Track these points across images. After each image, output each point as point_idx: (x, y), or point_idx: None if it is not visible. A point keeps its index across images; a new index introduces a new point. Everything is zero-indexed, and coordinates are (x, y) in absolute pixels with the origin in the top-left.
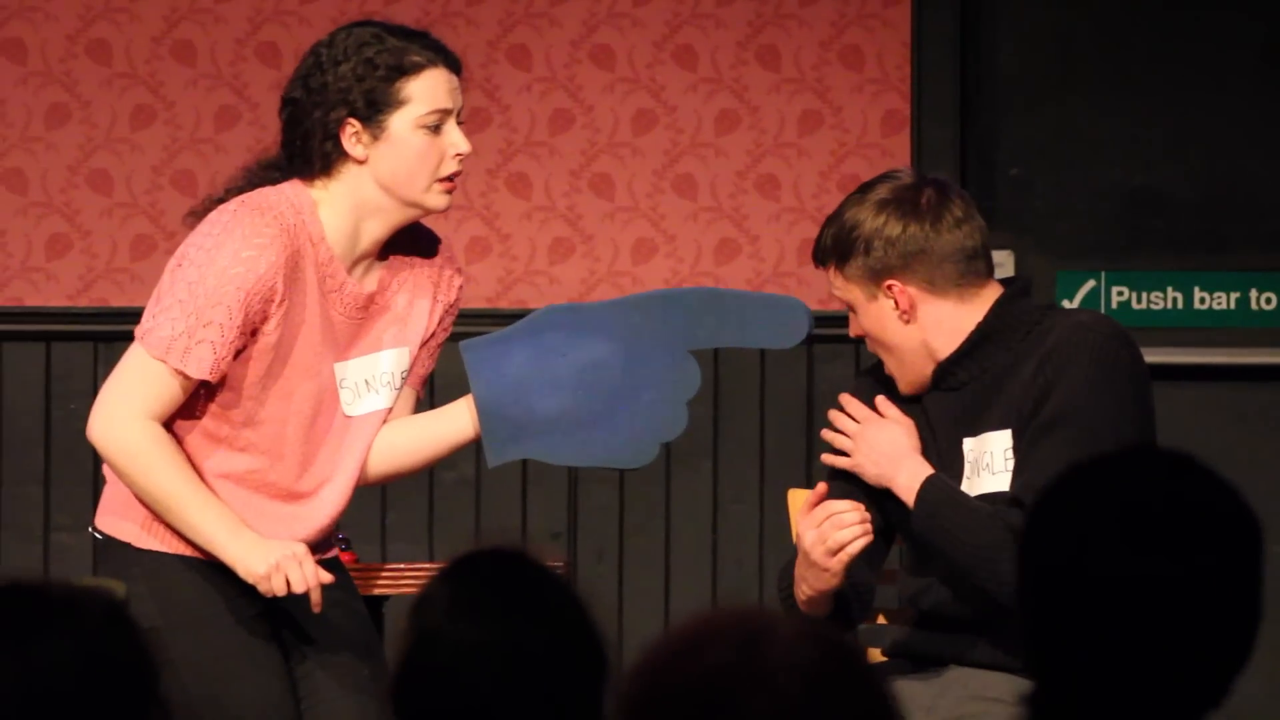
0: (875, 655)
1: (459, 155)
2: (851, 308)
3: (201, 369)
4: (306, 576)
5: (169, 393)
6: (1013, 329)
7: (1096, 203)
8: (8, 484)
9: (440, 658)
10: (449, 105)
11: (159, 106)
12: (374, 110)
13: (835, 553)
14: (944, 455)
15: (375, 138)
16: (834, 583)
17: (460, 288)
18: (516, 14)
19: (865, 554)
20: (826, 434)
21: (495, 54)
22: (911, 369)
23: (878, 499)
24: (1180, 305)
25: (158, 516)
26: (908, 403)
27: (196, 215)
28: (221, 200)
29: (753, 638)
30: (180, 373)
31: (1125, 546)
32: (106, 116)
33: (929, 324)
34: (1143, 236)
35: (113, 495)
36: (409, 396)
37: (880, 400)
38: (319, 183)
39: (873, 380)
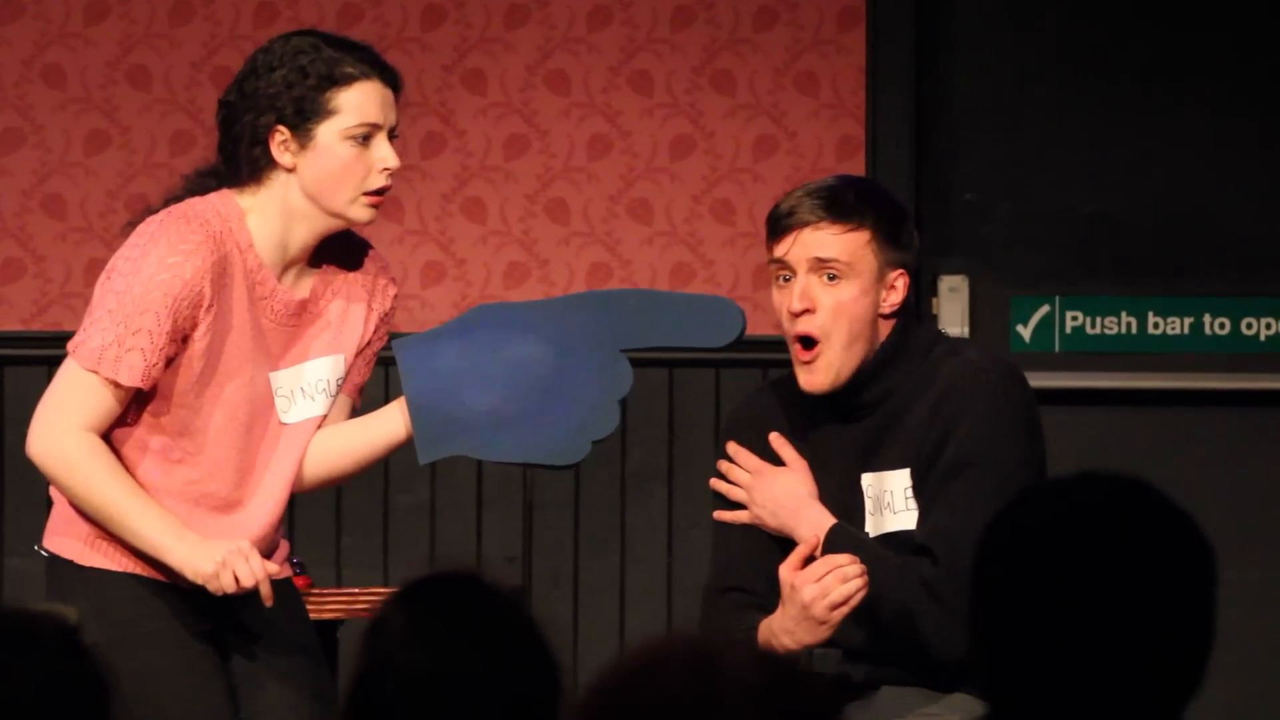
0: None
1: (386, 170)
2: (842, 272)
3: (133, 377)
4: (254, 570)
5: (104, 404)
6: (913, 352)
7: (1051, 228)
8: None
9: (393, 684)
10: (378, 120)
11: (114, 131)
12: (302, 118)
13: (837, 607)
14: (841, 491)
15: (303, 146)
16: (826, 636)
17: (395, 296)
18: (471, 39)
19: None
20: (717, 484)
21: (451, 79)
22: (846, 362)
23: (781, 544)
24: (1134, 330)
25: (102, 532)
26: (794, 438)
27: (132, 226)
28: (155, 211)
29: (703, 662)
30: (113, 382)
31: (1077, 572)
32: (60, 141)
33: (887, 329)
34: (1097, 262)
35: (58, 514)
36: (344, 404)
37: (775, 440)
38: (249, 190)
39: (757, 415)
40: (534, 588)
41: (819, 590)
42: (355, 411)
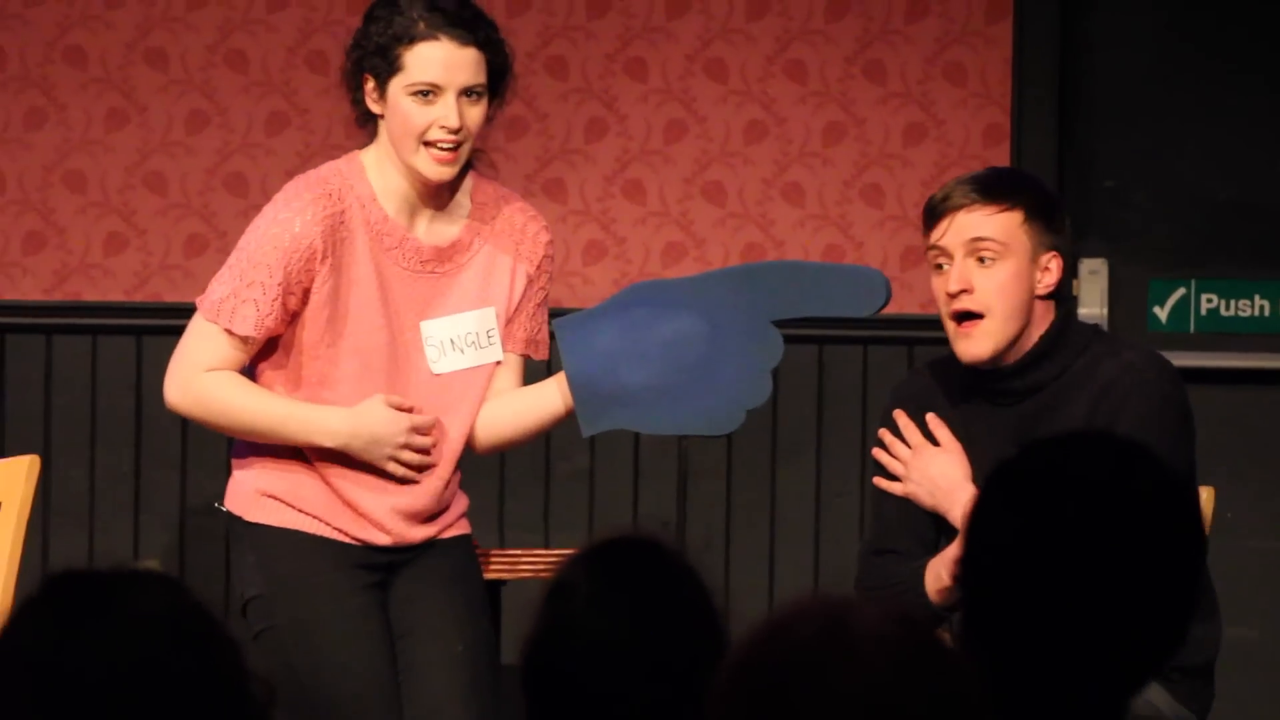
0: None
1: (444, 128)
2: (998, 252)
3: (246, 326)
4: (426, 429)
5: (226, 352)
6: (1069, 347)
7: (1187, 213)
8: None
9: (577, 648)
10: (437, 80)
11: (212, 111)
12: (380, 73)
13: None
14: None
15: (383, 96)
16: None
17: (549, 243)
18: (634, 28)
19: None
20: (878, 454)
21: (613, 66)
22: (1007, 335)
23: (937, 519)
24: (1267, 312)
25: (269, 490)
26: (948, 417)
27: None
28: None
29: (838, 615)
30: (229, 332)
31: (1067, 525)
32: (163, 120)
33: (1042, 312)
34: (1231, 246)
35: (233, 473)
36: (514, 363)
37: (932, 421)
38: (371, 147)
39: (917, 392)
40: (688, 551)
41: None
42: (543, 367)
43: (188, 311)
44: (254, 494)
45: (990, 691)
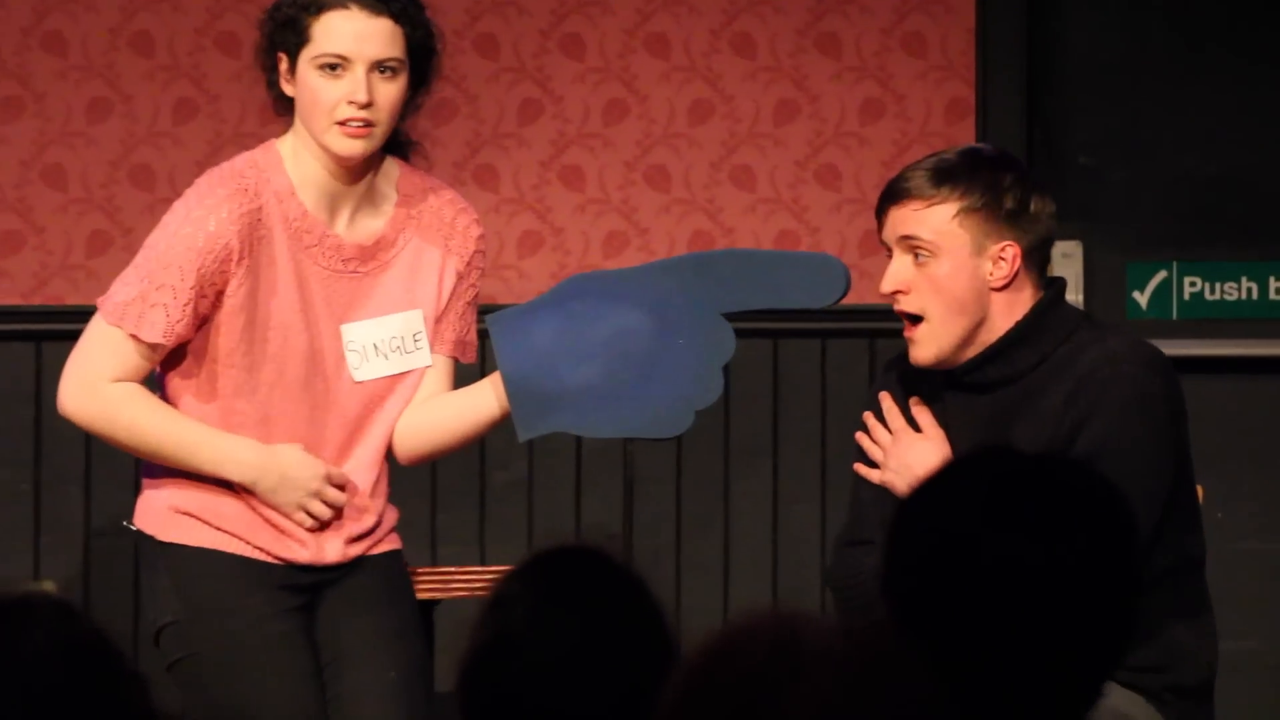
0: None
1: (353, 103)
2: (929, 251)
3: (154, 333)
4: (341, 484)
5: (131, 360)
6: (1047, 334)
7: (1169, 191)
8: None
9: (518, 665)
10: (345, 51)
11: (115, 98)
12: (290, 47)
13: None
14: None
15: (294, 74)
16: None
17: (480, 238)
18: (569, 2)
19: None
20: (861, 438)
21: (547, 43)
22: (950, 336)
23: None
24: (1255, 296)
25: (183, 508)
26: (930, 401)
27: None
28: None
29: (789, 634)
30: (136, 338)
31: (987, 529)
32: (61, 109)
33: (1004, 303)
34: (1215, 226)
35: (143, 489)
36: (444, 367)
37: (915, 407)
38: (288, 135)
39: (899, 377)
40: (634, 563)
41: None
42: (457, 375)
43: (91, 315)
44: (167, 511)
45: (948, 704)
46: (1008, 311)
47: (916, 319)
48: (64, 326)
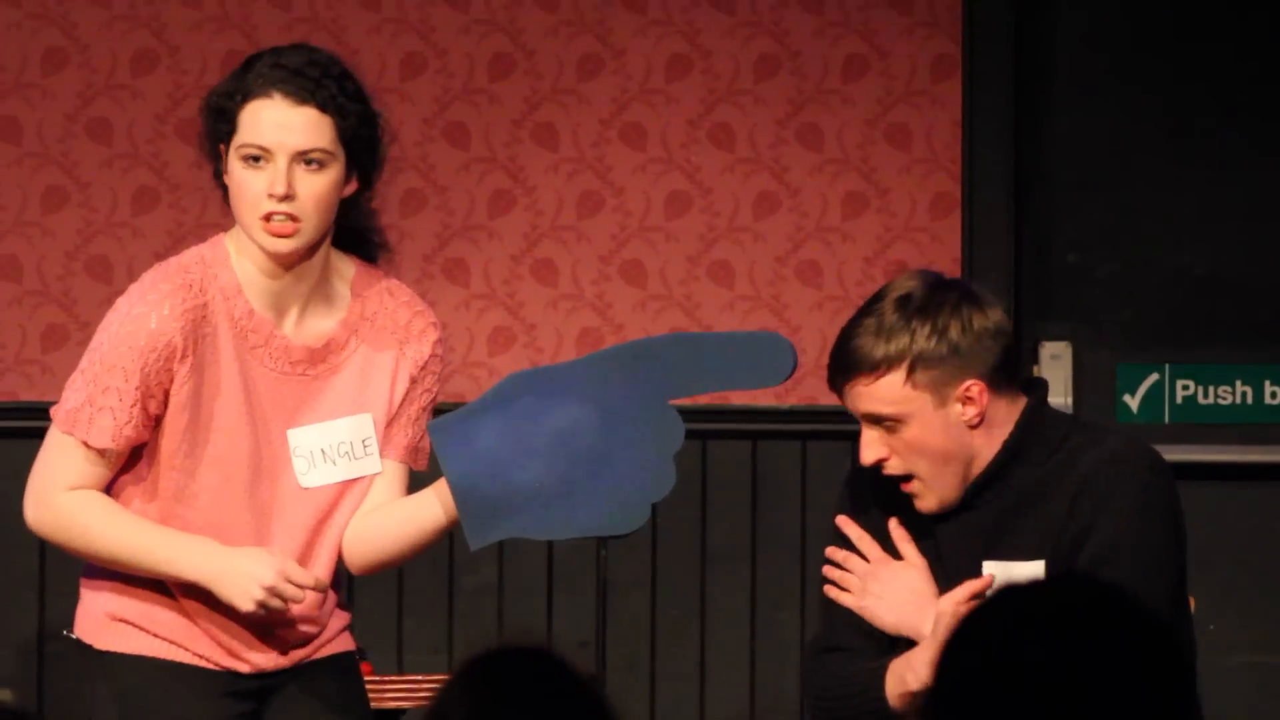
0: None
1: (274, 196)
2: (895, 420)
3: (103, 438)
4: (301, 584)
5: (84, 467)
6: (1041, 444)
7: (1160, 290)
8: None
9: None
10: (264, 142)
11: (72, 187)
12: (223, 136)
13: None
14: (959, 578)
15: (228, 166)
16: None
17: (437, 342)
18: (542, 91)
19: None
20: (830, 572)
21: (520, 133)
22: (947, 485)
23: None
24: (1250, 400)
25: (120, 615)
26: (908, 513)
27: None
28: None
29: None
30: (86, 444)
31: (1037, 667)
32: (16, 197)
33: (986, 434)
34: (1209, 327)
35: (82, 595)
36: (394, 473)
37: (895, 531)
38: (236, 228)
39: (872, 491)
40: (609, 674)
41: None
42: (410, 481)
43: (45, 412)
44: (104, 618)
45: None
46: (997, 434)
47: (906, 478)
48: (18, 424)
